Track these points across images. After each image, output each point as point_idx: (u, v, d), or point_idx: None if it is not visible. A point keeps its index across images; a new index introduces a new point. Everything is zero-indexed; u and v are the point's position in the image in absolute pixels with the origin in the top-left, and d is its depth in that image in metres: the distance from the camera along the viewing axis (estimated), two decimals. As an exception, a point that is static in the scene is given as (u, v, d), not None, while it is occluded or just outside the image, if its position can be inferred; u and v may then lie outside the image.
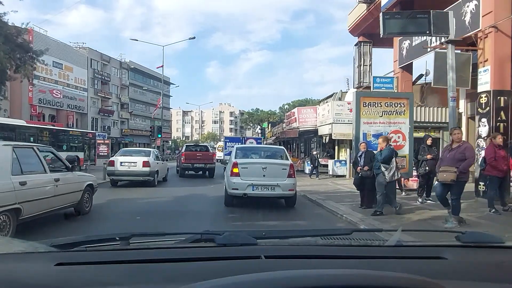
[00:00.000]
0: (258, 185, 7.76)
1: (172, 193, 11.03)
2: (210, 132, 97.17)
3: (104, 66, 47.77)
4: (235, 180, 7.87)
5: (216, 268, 1.07)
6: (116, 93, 50.41)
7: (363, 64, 15.29)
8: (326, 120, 16.74)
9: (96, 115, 45.76)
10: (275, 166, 8.04)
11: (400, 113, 7.78)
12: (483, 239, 1.38)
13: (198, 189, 12.23)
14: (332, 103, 16.13)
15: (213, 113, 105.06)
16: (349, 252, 1.32)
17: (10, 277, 1.01)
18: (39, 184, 5.46)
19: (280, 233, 1.87)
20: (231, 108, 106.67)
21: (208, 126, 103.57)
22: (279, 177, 7.82)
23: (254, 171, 7.86)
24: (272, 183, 7.77)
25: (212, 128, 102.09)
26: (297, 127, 19.39)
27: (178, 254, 1.21)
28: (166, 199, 9.82)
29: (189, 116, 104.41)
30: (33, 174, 5.45)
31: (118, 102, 50.68)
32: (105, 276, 1.04)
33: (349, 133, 15.94)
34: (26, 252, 1.27)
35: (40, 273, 1.04)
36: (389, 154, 6.84)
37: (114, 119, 49.71)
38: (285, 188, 7.85)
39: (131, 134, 51.66)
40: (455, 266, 1.20)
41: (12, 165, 4.96)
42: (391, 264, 1.17)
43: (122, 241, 1.31)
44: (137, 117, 53.72)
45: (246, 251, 1.22)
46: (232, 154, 8.97)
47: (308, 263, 1.16)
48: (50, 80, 38.58)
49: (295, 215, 7.90)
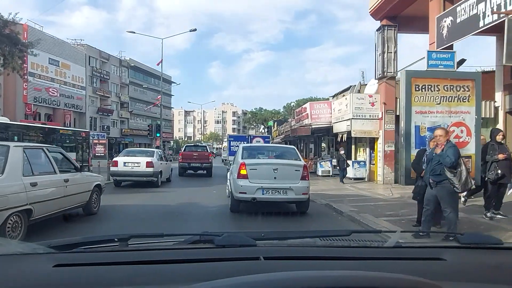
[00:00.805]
0: (268, 189, 7.15)
1: (175, 193, 11.05)
2: (213, 132, 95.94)
3: (103, 64, 46.10)
4: (242, 183, 7.21)
5: (215, 270, 1.07)
6: (115, 91, 48.74)
7: (387, 51, 13.40)
8: (343, 116, 14.87)
9: (94, 114, 44.11)
10: (287, 167, 7.41)
11: (464, 99, 6.00)
12: (482, 241, 1.38)
13: (200, 189, 12.17)
14: (351, 96, 14.22)
15: (216, 113, 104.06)
16: (348, 253, 1.32)
17: (8, 278, 1.02)
18: (49, 185, 5.47)
19: (279, 234, 1.85)
20: (234, 108, 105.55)
21: (211, 126, 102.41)
22: (292, 179, 7.23)
23: (264, 173, 7.25)
24: (284, 186, 7.15)
25: (214, 128, 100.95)
26: (309, 124, 17.48)
27: (177, 255, 1.21)
28: (169, 200, 9.58)
29: (191, 116, 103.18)
30: (43, 175, 5.47)
31: (117, 101, 49.04)
32: (104, 278, 1.05)
33: (371, 130, 14.11)
34: (24, 254, 1.26)
35: (38, 275, 1.05)
36: (457, 154, 4.92)
37: (114, 118, 48.06)
38: (299, 191, 7.21)
39: (131, 134, 49.99)
40: (454, 267, 1.20)
41: (23, 166, 5.00)
42: (390, 266, 1.16)
43: (120, 242, 1.30)
44: (138, 116, 51.97)
45: (245, 252, 1.21)
46: (238, 154, 8.20)
47: (307, 264, 1.17)
48: (46, 78, 37.02)
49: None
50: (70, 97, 40.09)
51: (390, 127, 13.75)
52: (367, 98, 13.92)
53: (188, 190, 11.88)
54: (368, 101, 13.87)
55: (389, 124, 13.72)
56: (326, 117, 17.02)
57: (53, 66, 38.18)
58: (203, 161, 17.38)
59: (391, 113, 13.73)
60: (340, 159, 13.82)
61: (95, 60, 45.04)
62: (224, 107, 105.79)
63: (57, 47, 38.91)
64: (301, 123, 18.87)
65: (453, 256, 1.25)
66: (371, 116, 13.98)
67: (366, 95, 14.02)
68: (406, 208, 7.67)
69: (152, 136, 23.75)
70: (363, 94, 14.32)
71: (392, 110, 13.72)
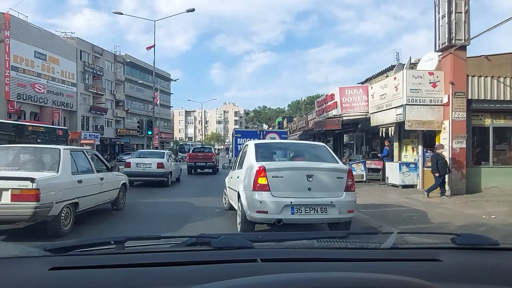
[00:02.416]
0: (300, 205, 5.16)
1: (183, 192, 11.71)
2: (214, 133, 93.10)
3: (96, 59, 42.67)
4: (262, 197, 5.16)
5: (212, 272, 1.07)
6: (110, 89, 45.31)
7: (455, 11, 9.84)
8: (390, 102, 11.27)
9: (87, 113, 40.69)
10: (327, 174, 5.47)
11: None
12: (478, 241, 1.37)
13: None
14: (404, 73, 10.57)
15: (217, 113, 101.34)
16: (345, 255, 1.32)
17: (3, 282, 1.01)
18: (90, 182, 6.18)
19: (276, 236, 1.84)
20: (236, 108, 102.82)
21: (212, 127, 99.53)
22: (333, 190, 5.33)
23: (293, 182, 5.30)
24: (323, 201, 5.22)
25: (216, 129, 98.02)
26: (339, 115, 13.88)
27: (174, 258, 1.20)
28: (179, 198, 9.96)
29: (192, 117, 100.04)
30: (85, 174, 6.16)
31: (112, 99, 45.63)
32: (100, 281, 1.04)
33: (432, 120, 10.51)
34: (20, 257, 1.23)
35: (34, 278, 1.04)
36: None
37: (108, 117, 44.60)
38: (343, 208, 5.25)
39: (128, 134, 46.50)
40: (450, 268, 1.20)
41: (71, 166, 5.80)
42: (387, 267, 1.17)
43: (117, 245, 1.29)
44: (134, 115, 48.30)
45: (242, 254, 1.21)
46: (249, 154, 6.03)
47: (304, 266, 1.16)
48: (31, 73, 33.63)
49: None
50: (59, 94, 36.69)
51: (460, 116, 10.18)
52: (427, 76, 10.28)
53: (193, 190, 12.56)
54: (429, 81, 10.25)
55: (458, 112, 10.15)
56: (361, 106, 13.41)
57: (39, 60, 34.74)
58: (207, 160, 19.63)
59: (461, 97, 10.16)
60: (439, 161, 9.11)
61: (87, 54, 41.58)
62: (225, 107, 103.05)
63: (44, 40, 35.48)
64: (325, 115, 15.23)
65: (450, 257, 1.25)
66: (432, 101, 10.37)
67: (425, 72, 10.37)
68: None
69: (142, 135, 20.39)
70: (421, 70, 10.69)
71: (462, 92, 10.15)
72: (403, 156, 12.99)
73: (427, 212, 7.52)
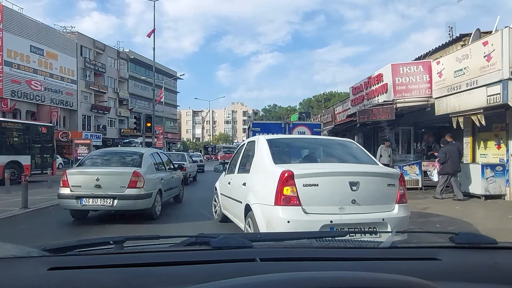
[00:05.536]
0: (344, 225, 3.73)
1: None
2: (222, 133, 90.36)
3: (98, 55, 40.09)
4: (290, 216, 3.77)
5: (211, 271, 1.06)
6: (113, 87, 42.68)
7: None
8: (476, 79, 8.12)
9: (88, 112, 38.09)
10: (375, 180, 4.11)
11: None
12: (477, 240, 1.36)
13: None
14: (505, 33, 7.36)
15: (225, 113, 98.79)
16: (344, 254, 1.30)
17: (2, 282, 0.99)
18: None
19: (275, 236, 1.85)
20: (244, 108, 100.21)
21: (220, 127, 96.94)
22: (383, 203, 4.03)
23: (333, 192, 3.91)
24: (373, 218, 3.88)
25: (224, 129, 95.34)
26: (391, 101, 10.63)
27: (173, 258, 1.19)
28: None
29: (200, 117, 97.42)
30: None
31: (115, 98, 43.00)
32: (99, 281, 1.02)
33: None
34: (18, 257, 1.20)
35: (32, 278, 1.02)
36: None
37: (111, 117, 41.96)
38: (397, 227, 3.79)
39: (132, 134, 43.64)
40: (449, 267, 1.19)
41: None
42: (385, 266, 1.16)
43: (116, 244, 1.28)
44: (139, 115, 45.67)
45: (241, 253, 1.20)
46: (260, 154, 4.60)
47: (303, 266, 1.15)
48: (27, 69, 31.05)
49: None
50: (58, 92, 34.11)
51: None
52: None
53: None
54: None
55: None
56: (421, 89, 10.26)
57: (35, 55, 32.15)
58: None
59: None
60: None
61: (89, 50, 38.99)
62: (233, 106, 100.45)
63: (41, 34, 32.89)
64: (370, 103, 11.98)
65: (448, 256, 1.24)
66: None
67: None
68: None
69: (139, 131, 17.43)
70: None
71: None
72: (480, 156, 9.82)
73: None
